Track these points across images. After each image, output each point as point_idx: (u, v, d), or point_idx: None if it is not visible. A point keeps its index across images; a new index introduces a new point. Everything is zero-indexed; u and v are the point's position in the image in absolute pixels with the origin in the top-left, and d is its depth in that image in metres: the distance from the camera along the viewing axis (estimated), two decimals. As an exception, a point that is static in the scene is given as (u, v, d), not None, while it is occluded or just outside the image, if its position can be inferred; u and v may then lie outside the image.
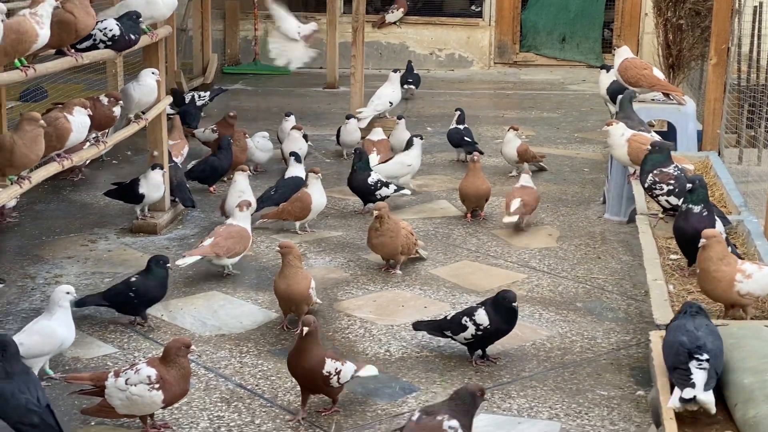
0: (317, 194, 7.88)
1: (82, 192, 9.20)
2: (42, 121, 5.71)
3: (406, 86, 14.30)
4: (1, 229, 7.99)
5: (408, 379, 5.42)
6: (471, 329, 5.51)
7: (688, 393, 3.95)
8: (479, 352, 5.65)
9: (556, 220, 8.47)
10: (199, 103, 11.72)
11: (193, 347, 4.72)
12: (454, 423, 4.24)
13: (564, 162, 10.67)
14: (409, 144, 9.39)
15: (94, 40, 6.77)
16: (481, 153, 10.28)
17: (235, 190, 7.83)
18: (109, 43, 6.84)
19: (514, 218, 7.98)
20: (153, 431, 4.77)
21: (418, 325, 5.87)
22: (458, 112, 10.67)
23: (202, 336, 5.95)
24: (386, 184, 8.44)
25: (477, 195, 8.33)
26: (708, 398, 3.94)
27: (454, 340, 5.65)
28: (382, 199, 8.33)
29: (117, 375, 4.69)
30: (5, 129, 7.82)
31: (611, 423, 4.95)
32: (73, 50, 6.42)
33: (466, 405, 4.35)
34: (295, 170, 8.55)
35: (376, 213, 6.88)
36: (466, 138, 10.47)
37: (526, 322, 6.13)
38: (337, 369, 4.91)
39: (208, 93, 12.28)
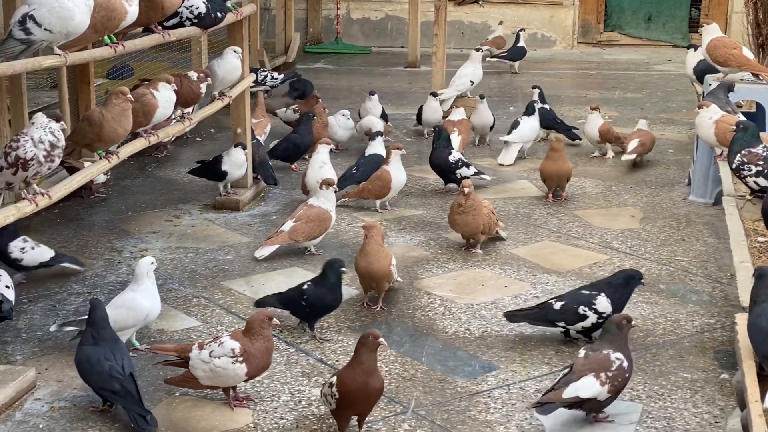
0: (397, 172, 7.89)
1: (167, 168, 9.34)
2: (130, 96, 5.81)
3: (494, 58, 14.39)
4: (90, 203, 8.16)
5: (488, 358, 5.40)
6: (592, 318, 5.41)
7: None
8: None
9: (639, 202, 8.36)
10: (270, 83, 11.82)
11: (275, 320, 4.77)
12: (620, 355, 4.62)
13: (648, 143, 10.50)
14: (530, 109, 9.68)
15: (181, 17, 6.86)
16: (580, 139, 10.18)
17: (316, 161, 7.88)
18: (195, 20, 6.93)
19: (632, 156, 9.27)
20: (235, 403, 4.83)
21: (513, 317, 5.64)
22: (537, 90, 10.59)
23: (283, 312, 6.00)
24: (467, 164, 8.42)
25: (558, 175, 8.26)
26: None
27: (566, 329, 5.52)
28: (462, 178, 8.32)
29: (201, 347, 4.76)
30: (93, 105, 7.98)
31: (694, 406, 4.88)
32: (160, 27, 6.51)
33: (618, 336, 4.69)
34: (375, 148, 8.55)
35: (467, 190, 6.86)
36: (557, 120, 10.43)
37: (608, 303, 6.05)
38: None
39: (282, 75, 12.40)
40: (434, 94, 10.67)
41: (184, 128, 7.22)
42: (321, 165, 7.80)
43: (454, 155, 8.45)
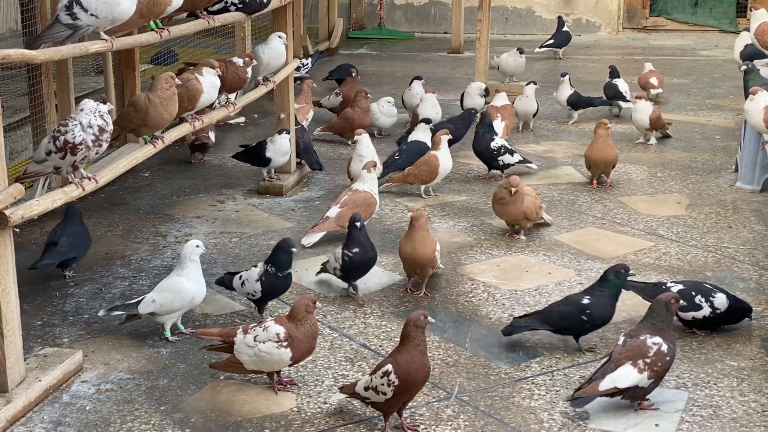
0: (445, 158, 7.86)
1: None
2: (178, 80, 5.83)
3: (542, 48, 14.37)
4: (135, 187, 8.21)
5: (531, 344, 5.38)
6: (705, 310, 5.36)
7: None
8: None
9: (685, 188, 8.27)
10: (303, 71, 11.85)
11: (318, 304, 4.77)
12: (657, 339, 4.60)
13: (694, 129, 10.41)
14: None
15: (226, 2, 6.88)
16: (621, 100, 10.67)
17: (355, 154, 7.86)
18: (240, 5, 6.94)
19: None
20: (279, 387, 4.85)
21: (630, 286, 5.54)
22: (566, 76, 10.66)
23: (327, 296, 6.02)
24: (510, 151, 8.37)
25: (605, 162, 8.19)
26: None
27: (677, 315, 5.36)
28: (505, 165, 8.30)
29: (246, 332, 4.78)
30: (139, 91, 8.03)
31: (741, 394, 4.83)
32: (205, 13, 6.53)
33: (662, 317, 4.68)
34: (419, 135, 8.51)
35: (513, 189, 6.80)
36: (590, 98, 10.68)
37: (654, 291, 6.00)
38: None
39: (309, 59, 12.46)
40: (486, 93, 10.47)
41: (228, 113, 7.23)
42: (360, 159, 7.73)
43: (497, 142, 8.40)
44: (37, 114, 7.43)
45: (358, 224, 5.92)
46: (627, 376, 4.53)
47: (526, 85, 10.31)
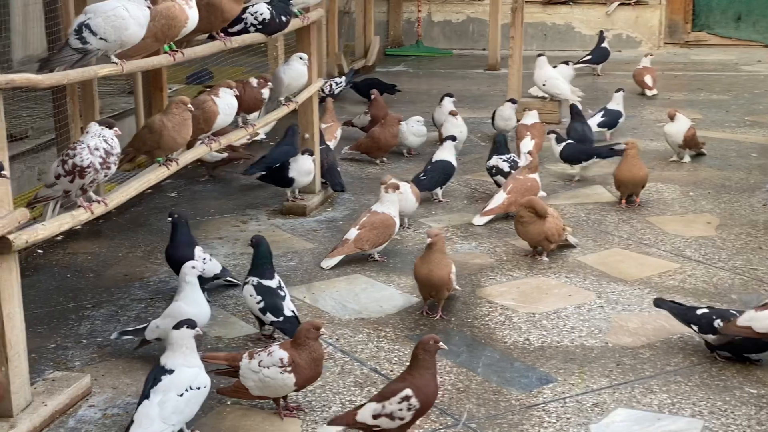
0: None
1: (237, 173, 9.36)
2: (189, 106, 5.82)
3: (579, 64, 14.14)
4: (160, 208, 8.20)
5: (545, 369, 5.27)
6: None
7: None
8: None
9: (716, 208, 8.10)
10: (336, 90, 11.89)
11: (323, 330, 4.70)
12: None
13: (730, 146, 10.21)
14: None
15: (245, 23, 6.88)
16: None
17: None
18: (260, 26, 6.93)
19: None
20: (285, 413, 4.79)
21: (661, 303, 5.61)
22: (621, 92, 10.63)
23: (341, 319, 5.95)
24: (504, 174, 8.23)
25: (633, 181, 8.04)
26: None
27: (700, 335, 5.39)
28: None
29: (251, 356, 4.74)
30: (163, 112, 8.04)
31: (758, 423, 4.68)
32: (222, 34, 6.52)
33: None
34: (444, 153, 8.40)
35: (526, 203, 6.73)
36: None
37: (675, 314, 5.86)
38: None
39: (343, 78, 12.52)
40: (513, 101, 10.42)
41: (246, 134, 7.21)
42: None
43: (492, 161, 8.43)
44: (63, 136, 7.46)
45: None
46: (763, 319, 4.52)
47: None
